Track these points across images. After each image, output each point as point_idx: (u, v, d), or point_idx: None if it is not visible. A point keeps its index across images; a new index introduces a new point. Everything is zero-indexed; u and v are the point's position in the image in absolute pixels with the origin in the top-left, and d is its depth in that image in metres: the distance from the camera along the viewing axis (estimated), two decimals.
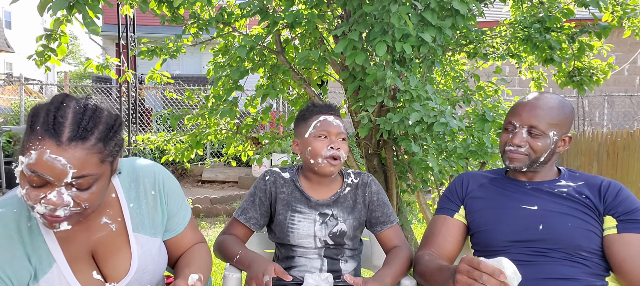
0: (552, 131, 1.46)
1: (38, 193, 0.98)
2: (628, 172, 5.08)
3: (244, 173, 8.37)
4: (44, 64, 2.66)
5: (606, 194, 1.45)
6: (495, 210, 1.54)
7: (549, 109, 1.47)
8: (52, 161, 0.95)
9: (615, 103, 9.29)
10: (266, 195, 1.71)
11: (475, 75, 3.58)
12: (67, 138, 0.97)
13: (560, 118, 1.47)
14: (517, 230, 1.47)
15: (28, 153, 0.96)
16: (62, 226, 1.02)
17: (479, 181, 1.63)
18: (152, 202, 1.22)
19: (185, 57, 13.35)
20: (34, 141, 0.97)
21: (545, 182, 1.53)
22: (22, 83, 9.69)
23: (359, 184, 1.74)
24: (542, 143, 1.46)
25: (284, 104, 9.21)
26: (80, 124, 0.99)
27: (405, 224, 3.24)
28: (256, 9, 2.71)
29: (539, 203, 1.48)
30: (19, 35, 19.36)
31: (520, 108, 1.51)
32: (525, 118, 1.48)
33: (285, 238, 1.68)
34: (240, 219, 1.70)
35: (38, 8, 2.09)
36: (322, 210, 1.69)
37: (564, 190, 1.48)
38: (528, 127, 1.47)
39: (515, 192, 1.54)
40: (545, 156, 1.48)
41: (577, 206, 1.44)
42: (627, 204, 1.42)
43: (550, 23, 3.09)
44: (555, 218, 1.44)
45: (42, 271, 1.06)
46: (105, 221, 1.14)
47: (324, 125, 1.65)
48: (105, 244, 1.14)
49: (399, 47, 2.24)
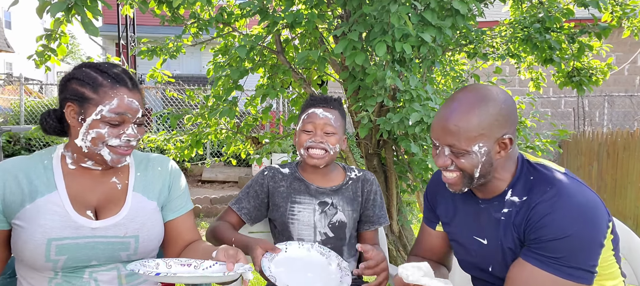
0: (475, 145, 1.19)
1: (118, 131, 1.25)
2: (628, 172, 5.09)
3: (244, 173, 8.37)
4: (44, 63, 2.66)
5: (529, 219, 1.20)
6: (455, 238, 1.43)
7: (464, 120, 1.18)
8: (130, 103, 1.26)
9: (615, 103, 9.30)
10: (263, 188, 1.75)
11: (475, 75, 3.58)
12: (132, 85, 1.29)
13: (484, 125, 1.18)
14: (474, 264, 1.38)
15: (108, 101, 1.23)
16: (126, 159, 1.30)
17: (444, 197, 1.46)
18: (157, 175, 1.42)
19: (185, 57, 13.35)
20: (108, 91, 1.24)
21: (495, 198, 1.29)
22: (22, 83, 9.69)
23: (361, 179, 1.79)
24: (467, 161, 1.20)
25: (284, 104, 9.21)
26: (130, 76, 1.31)
27: (405, 224, 3.24)
28: (256, 9, 2.72)
29: (487, 233, 1.30)
30: (19, 35, 19.36)
31: (435, 124, 1.26)
32: (441, 136, 1.23)
33: (286, 229, 1.71)
34: (233, 207, 1.76)
35: (37, 10, 2.10)
36: (322, 198, 1.72)
37: (506, 212, 1.25)
38: (448, 147, 1.22)
39: (470, 214, 1.36)
40: (479, 172, 1.22)
41: (513, 232, 1.24)
42: (543, 233, 1.16)
43: (550, 23, 3.09)
44: (498, 257, 1.28)
45: (41, 192, 1.25)
46: (114, 180, 1.35)
47: (310, 117, 1.69)
48: (107, 197, 1.33)
49: (399, 47, 2.24)
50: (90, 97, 1.24)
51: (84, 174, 1.32)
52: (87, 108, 1.24)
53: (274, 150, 4.73)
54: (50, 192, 1.26)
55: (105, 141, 1.25)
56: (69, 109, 1.27)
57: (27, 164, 1.28)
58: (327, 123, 1.68)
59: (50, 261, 1.23)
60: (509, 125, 1.21)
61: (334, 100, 1.75)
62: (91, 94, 1.24)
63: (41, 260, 1.23)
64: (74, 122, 1.27)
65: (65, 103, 1.27)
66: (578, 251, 1.13)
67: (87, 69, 1.28)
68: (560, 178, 1.21)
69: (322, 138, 1.67)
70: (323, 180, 1.75)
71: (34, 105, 9.94)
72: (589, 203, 1.16)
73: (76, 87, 1.26)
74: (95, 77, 1.26)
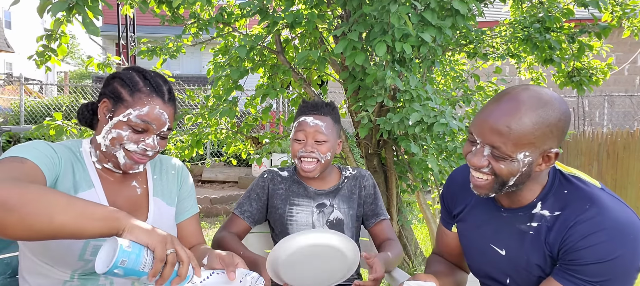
0: (521, 153, 1.08)
1: (138, 137, 1.25)
2: (628, 172, 5.09)
3: (244, 173, 8.37)
4: (44, 64, 2.66)
5: (566, 239, 1.11)
6: (469, 244, 1.36)
7: (518, 123, 1.06)
8: (160, 114, 1.26)
9: (615, 103, 9.29)
10: (264, 191, 1.76)
11: (475, 75, 3.58)
12: (168, 99, 1.29)
13: (537, 134, 1.07)
14: (486, 273, 1.31)
15: (139, 106, 1.24)
16: (141, 167, 1.31)
17: (463, 196, 1.38)
18: (172, 178, 1.44)
19: (185, 57, 13.35)
20: (143, 97, 1.25)
21: (521, 209, 1.20)
22: (22, 83, 9.70)
23: (357, 176, 1.79)
24: (506, 168, 1.10)
25: (284, 104, 9.21)
26: (170, 90, 1.31)
27: (405, 224, 3.24)
28: (256, 9, 2.72)
29: (508, 246, 1.23)
30: (19, 35, 19.36)
31: (481, 119, 1.13)
32: (486, 134, 1.11)
33: (285, 231, 1.71)
34: (236, 212, 1.76)
35: (38, 10, 2.10)
36: (320, 200, 1.73)
37: (536, 226, 1.17)
38: (490, 147, 1.11)
39: (489, 221, 1.28)
40: (515, 180, 1.12)
41: (545, 249, 1.16)
42: (583, 255, 1.08)
43: (550, 23, 3.09)
44: (521, 270, 1.21)
45: (81, 187, 1.24)
46: (134, 184, 1.35)
47: (301, 125, 1.68)
48: (130, 201, 1.33)
49: (399, 47, 2.24)
50: (125, 98, 1.25)
51: (109, 175, 1.32)
52: (118, 108, 1.25)
53: (274, 150, 4.73)
54: (90, 188, 1.26)
55: (123, 144, 1.25)
56: (103, 105, 1.27)
57: (69, 154, 1.27)
58: (318, 131, 1.65)
59: (82, 260, 1.20)
60: (560, 139, 1.11)
61: (325, 106, 1.71)
62: (127, 96, 1.25)
63: (73, 258, 1.20)
64: (103, 118, 1.27)
65: (102, 99, 1.28)
66: (617, 276, 1.07)
67: (134, 72, 1.30)
68: (599, 194, 1.12)
69: (312, 148, 1.65)
70: (321, 182, 1.76)
71: (34, 105, 9.95)
72: (632, 224, 1.08)
73: (117, 86, 1.27)
74: (137, 81, 1.27)
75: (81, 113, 1.34)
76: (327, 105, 1.72)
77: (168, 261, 1.01)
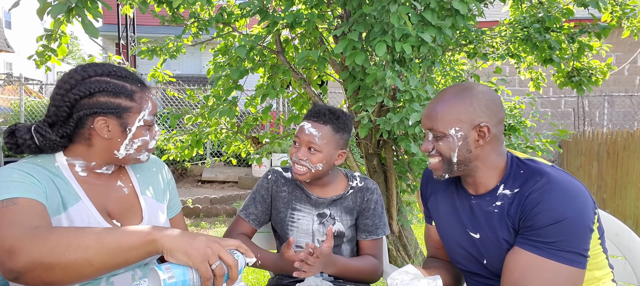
0: (451, 128, 1.28)
1: (151, 132, 1.30)
2: (628, 172, 5.08)
3: (244, 173, 8.37)
4: (44, 64, 2.67)
5: (524, 208, 1.24)
6: (447, 233, 1.45)
7: (442, 106, 1.30)
8: (155, 101, 1.30)
9: (615, 103, 9.29)
10: (268, 192, 1.74)
11: (475, 75, 3.58)
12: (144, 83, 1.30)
13: (459, 109, 1.28)
14: (467, 260, 1.40)
15: (145, 105, 1.26)
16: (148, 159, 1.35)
17: (436, 189, 1.50)
18: (154, 174, 1.43)
19: (185, 57, 13.36)
20: (142, 95, 1.25)
21: (487, 194, 1.34)
22: (22, 83, 9.70)
23: (363, 188, 1.74)
24: (445, 145, 1.29)
25: (284, 104, 9.21)
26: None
27: (405, 224, 3.24)
28: (256, 9, 2.72)
29: (480, 229, 1.34)
30: (19, 35, 19.37)
31: (422, 114, 1.38)
32: (425, 122, 1.35)
33: (286, 236, 1.71)
34: (241, 214, 1.75)
35: (37, 12, 2.10)
36: (321, 209, 1.71)
37: (500, 205, 1.30)
38: (430, 132, 1.33)
39: (462, 208, 1.40)
40: (457, 156, 1.29)
41: (508, 222, 1.28)
42: (538, 219, 1.20)
43: (549, 23, 3.09)
44: (494, 248, 1.31)
45: (69, 202, 1.20)
46: (120, 184, 1.33)
47: (299, 130, 1.66)
48: (120, 202, 1.31)
49: (399, 47, 2.24)
50: (128, 106, 1.22)
51: (95, 179, 1.28)
52: (128, 117, 1.23)
53: (274, 150, 4.73)
54: (77, 202, 1.21)
55: (148, 145, 1.29)
56: (100, 123, 1.20)
57: (45, 173, 1.20)
58: (311, 141, 1.60)
59: None
60: (488, 116, 1.28)
61: (329, 114, 1.64)
62: (129, 103, 1.23)
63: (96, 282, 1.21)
64: (111, 134, 1.22)
65: (93, 118, 1.20)
66: (572, 235, 1.19)
67: (106, 78, 1.22)
68: (549, 169, 1.28)
69: (304, 155, 1.61)
70: (323, 190, 1.71)
71: (34, 105, 9.95)
72: (578, 190, 1.22)
73: (107, 100, 1.20)
74: (121, 85, 1.23)
75: (41, 137, 1.20)
76: (331, 114, 1.64)
77: (216, 274, 0.98)
